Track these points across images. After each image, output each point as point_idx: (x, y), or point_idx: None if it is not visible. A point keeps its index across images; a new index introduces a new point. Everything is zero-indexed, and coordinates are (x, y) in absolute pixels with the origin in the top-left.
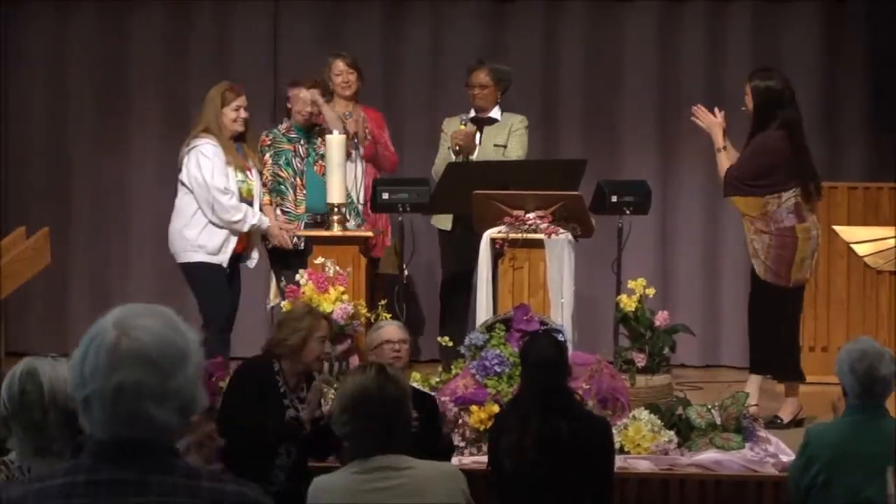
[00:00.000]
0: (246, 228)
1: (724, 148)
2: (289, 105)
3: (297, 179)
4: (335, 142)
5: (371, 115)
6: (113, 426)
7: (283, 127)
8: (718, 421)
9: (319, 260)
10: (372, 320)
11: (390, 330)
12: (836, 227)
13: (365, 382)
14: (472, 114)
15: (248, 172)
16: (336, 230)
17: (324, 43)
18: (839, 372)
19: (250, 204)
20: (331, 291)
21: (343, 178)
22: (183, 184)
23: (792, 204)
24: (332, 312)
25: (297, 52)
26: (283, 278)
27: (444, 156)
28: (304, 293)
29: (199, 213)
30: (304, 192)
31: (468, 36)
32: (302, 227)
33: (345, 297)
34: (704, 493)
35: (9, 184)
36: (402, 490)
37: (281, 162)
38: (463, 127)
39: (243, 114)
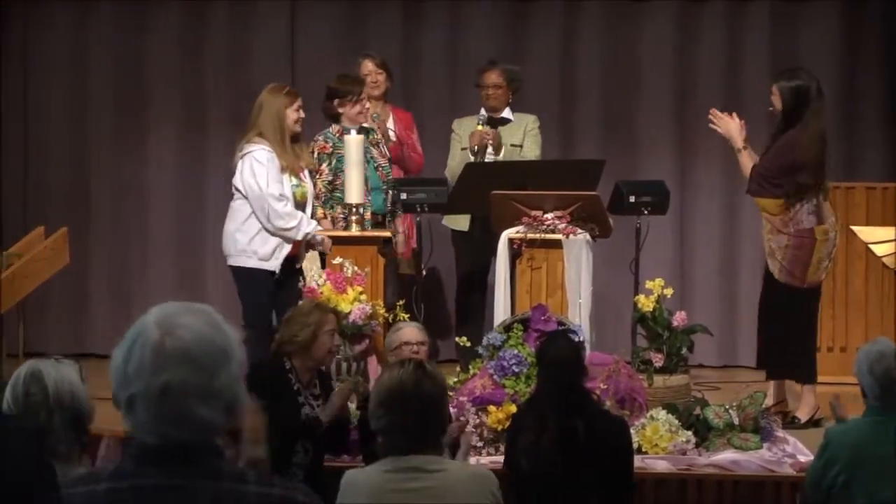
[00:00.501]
0: (300, 237)
1: (745, 148)
2: (340, 110)
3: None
4: (353, 142)
5: (400, 116)
6: (158, 426)
7: (335, 130)
8: (736, 421)
9: (338, 260)
10: (390, 321)
11: (408, 331)
12: (855, 228)
13: (402, 377)
14: (484, 114)
15: (301, 175)
16: (354, 230)
17: (341, 43)
18: (858, 373)
19: (303, 207)
20: (349, 292)
21: (361, 178)
22: (237, 189)
23: (813, 206)
24: (349, 313)
25: (315, 52)
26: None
27: (459, 156)
28: (322, 293)
29: (252, 219)
30: (369, 197)
31: (486, 37)
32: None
33: (363, 297)
34: (722, 494)
35: (28, 184)
36: (430, 492)
37: (343, 168)
38: (480, 127)
39: (302, 114)
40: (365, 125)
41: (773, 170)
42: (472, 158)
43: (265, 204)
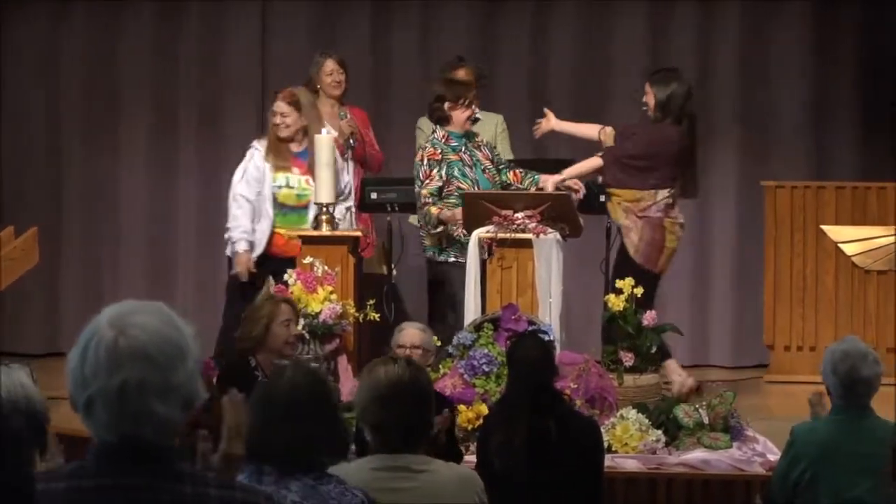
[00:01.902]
0: (230, 247)
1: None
2: (452, 113)
3: (476, 188)
4: (323, 141)
5: (357, 114)
6: (119, 426)
7: (440, 135)
8: (706, 420)
9: (308, 259)
10: (360, 320)
11: (407, 334)
12: (825, 227)
13: (399, 373)
14: None
15: (293, 177)
16: (324, 230)
17: (313, 43)
18: (823, 372)
19: (297, 210)
20: (319, 291)
21: (332, 178)
22: None
23: (663, 205)
24: (320, 312)
25: (286, 52)
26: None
27: None
28: (292, 293)
29: None
30: None
31: (457, 36)
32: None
33: (333, 296)
34: (692, 493)
35: (0, 184)
36: (416, 493)
37: (456, 174)
38: None
39: (279, 119)
40: (470, 129)
41: (634, 157)
42: None
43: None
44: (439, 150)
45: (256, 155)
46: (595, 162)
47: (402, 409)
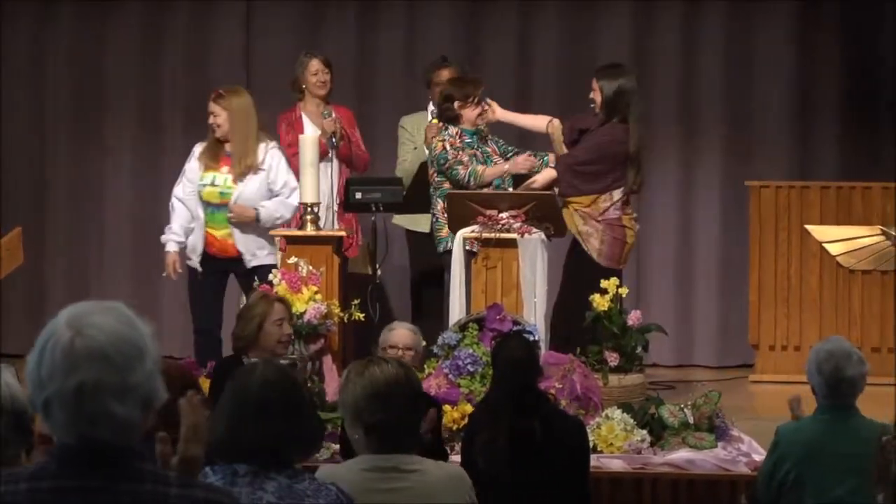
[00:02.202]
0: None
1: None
2: (462, 112)
3: (489, 187)
4: (307, 141)
5: (342, 114)
6: (76, 427)
7: (453, 132)
8: (691, 420)
9: (293, 259)
10: (345, 320)
11: (398, 335)
12: (809, 227)
13: (395, 372)
14: (433, 109)
15: (220, 175)
16: (309, 230)
17: (297, 43)
18: (808, 372)
19: (223, 208)
20: (304, 291)
21: (316, 178)
22: None
23: (620, 203)
24: (304, 312)
25: (271, 52)
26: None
27: (412, 155)
28: (277, 293)
29: None
30: None
31: (441, 36)
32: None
33: (318, 296)
34: (677, 493)
35: None
36: (408, 493)
37: None
38: (435, 121)
39: (210, 119)
40: (480, 126)
41: (587, 163)
42: (426, 153)
43: None
44: (457, 141)
45: (193, 156)
46: (550, 174)
47: (399, 408)
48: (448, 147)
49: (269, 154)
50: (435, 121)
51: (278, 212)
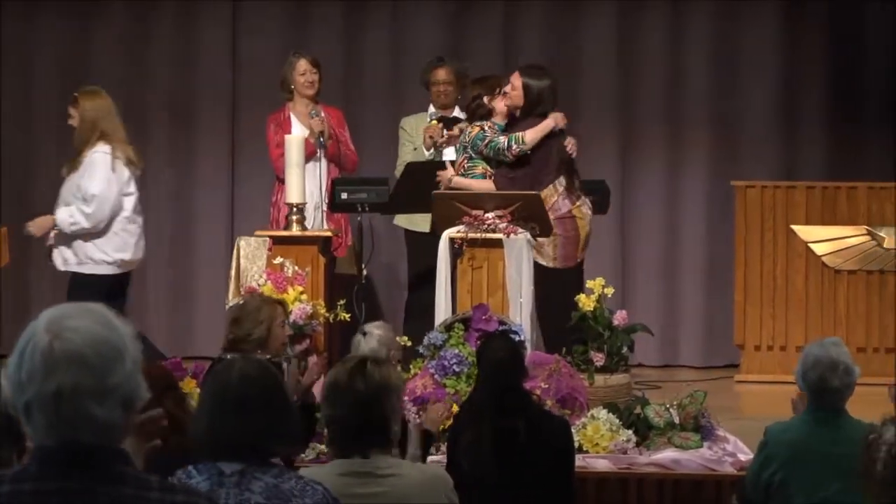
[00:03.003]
0: None
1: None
2: (493, 104)
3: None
4: (293, 141)
5: (332, 114)
6: (56, 430)
7: (486, 126)
8: (677, 420)
9: (278, 260)
10: (331, 320)
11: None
12: (795, 227)
13: (338, 374)
14: (433, 111)
15: None
16: (295, 230)
17: (284, 42)
18: (796, 374)
19: None
20: (289, 291)
21: (302, 178)
22: None
23: (564, 189)
24: (290, 312)
25: (257, 52)
26: None
27: (411, 155)
28: (262, 293)
29: None
30: None
31: (428, 35)
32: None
33: (303, 296)
34: (663, 493)
35: None
36: (384, 497)
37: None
38: (435, 123)
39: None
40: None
41: (520, 167)
42: (427, 154)
43: None
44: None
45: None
46: (488, 184)
47: (342, 409)
48: (486, 128)
49: (91, 158)
50: (434, 122)
51: (73, 217)
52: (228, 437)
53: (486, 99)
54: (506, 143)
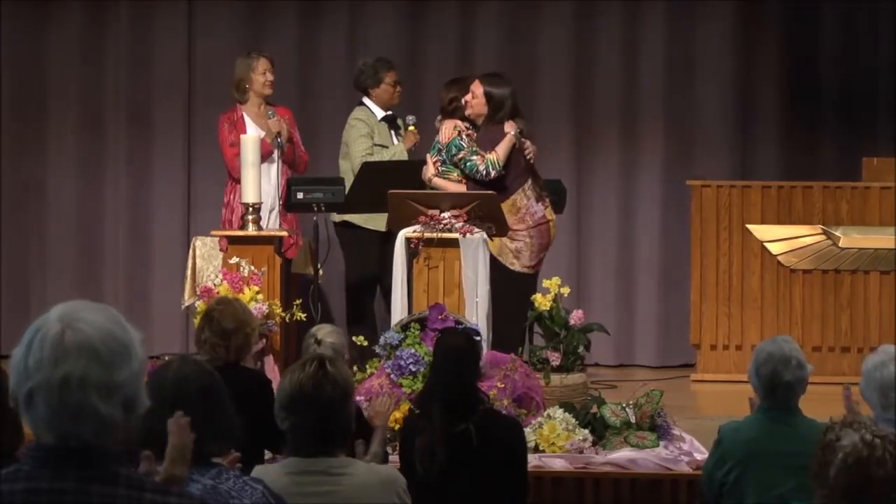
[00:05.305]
0: None
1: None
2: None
3: None
4: (248, 141)
5: (282, 114)
6: (58, 421)
7: (461, 126)
8: (633, 419)
9: (234, 260)
10: (287, 320)
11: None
12: (750, 226)
13: (302, 380)
14: (381, 112)
15: None
16: (250, 230)
17: (240, 42)
18: (748, 371)
19: None
20: (245, 291)
21: (257, 178)
22: None
23: (534, 196)
24: None
25: (214, 52)
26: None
27: (386, 152)
28: (218, 293)
29: None
30: None
31: (384, 36)
32: None
33: (259, 296)
34: (619, 492)
35: None
36: (335, 496)
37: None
38: (412, 128)
39: None
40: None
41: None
42: (401, 153)
43: None
44: (466, 133)
45: None
46: (461, 188)
47: (307, 416)
48: (463, 135)
49: None
50: (412, 128)
51: None
52: (164, 437)
53: (463, 101)
54: (484, 170)
